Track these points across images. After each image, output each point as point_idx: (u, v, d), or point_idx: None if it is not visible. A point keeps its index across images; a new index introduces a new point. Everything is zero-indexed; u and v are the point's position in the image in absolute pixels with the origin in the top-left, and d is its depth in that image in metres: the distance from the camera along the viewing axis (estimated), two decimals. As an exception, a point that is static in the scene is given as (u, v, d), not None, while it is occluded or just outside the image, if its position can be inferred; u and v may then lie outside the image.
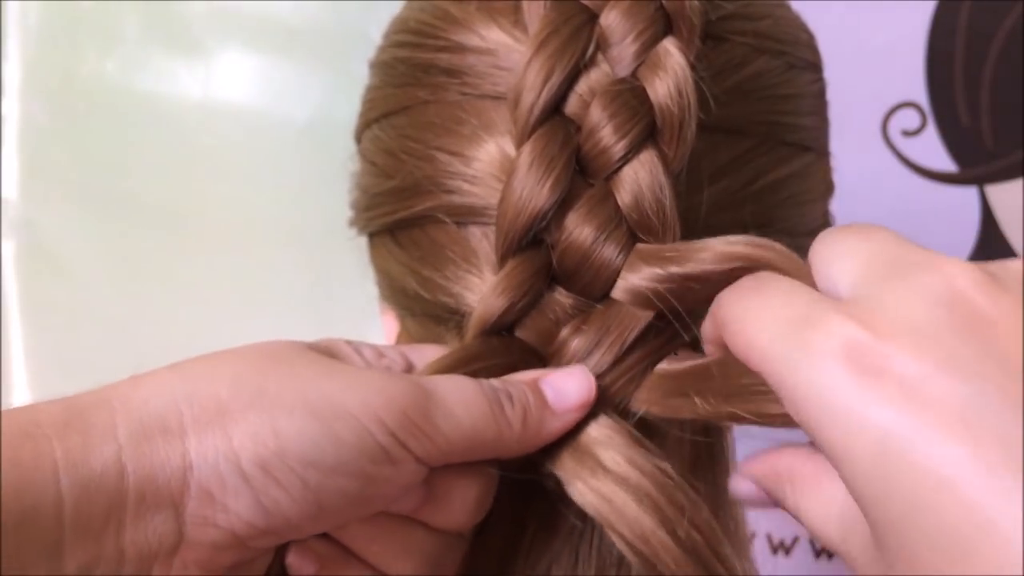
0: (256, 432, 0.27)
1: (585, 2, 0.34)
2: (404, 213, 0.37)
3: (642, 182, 0.32)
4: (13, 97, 0.69)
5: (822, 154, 0.41)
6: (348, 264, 0.43)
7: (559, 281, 0.34)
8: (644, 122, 0.32)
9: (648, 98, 0.32)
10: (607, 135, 0.32)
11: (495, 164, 0.34)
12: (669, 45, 0.33)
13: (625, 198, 0.32)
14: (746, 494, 0.31)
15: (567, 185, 0.32)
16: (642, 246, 0.32)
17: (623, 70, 0.33)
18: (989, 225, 0.69)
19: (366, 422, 0.28)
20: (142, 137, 0.70)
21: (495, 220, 0.33)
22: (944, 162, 0.69)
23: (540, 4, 0.34)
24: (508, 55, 0.35)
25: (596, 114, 0.32)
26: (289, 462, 0.27)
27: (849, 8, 0.69)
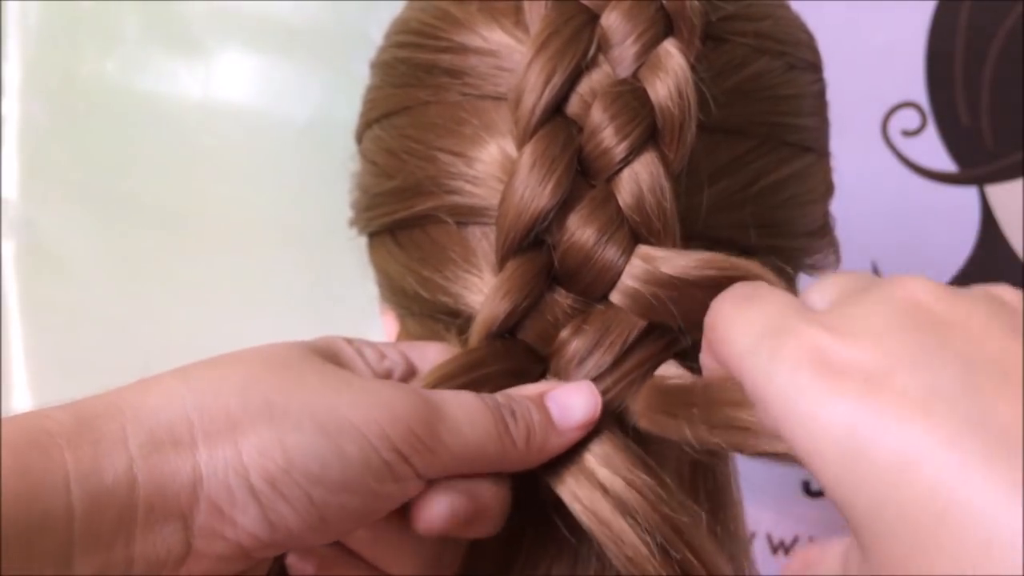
0: (264, 446, 0.27)
1: (586, 3, 0.34)
2: (405, 213, 0.37)
3: (643, 183, 0.32)
4: (13, 97, 0.69)
5: (822, 155, 0.41)
6: (348, 264, 0.42)
7: (559, 282, 0.34)
8: (645, 123, 0.32)
9: (649, 99, 0.32)
10: (609, 136, 0.32)
11: (496, 165, 0.34)
12: (670, 46, 0.33)
13: (626, 199, 0.32)
14: None
15: (569, 186, 0.32)
16: (643, 248, 0.32)
17: (624, 71, 0.33)
18: (989, 225, 0.69)
19: (372, 439, 0.28)
20: (142, 137, 0.70)
21: (496, 220, 0.33)
22: (944, 162, 0.69)
23: (541, 5, 0.34)
24: (509, 56, 0.35)
25: (597, 115, 0.32)
26: (295, 477, 0.27)
27: (849, 8, 0.69)
